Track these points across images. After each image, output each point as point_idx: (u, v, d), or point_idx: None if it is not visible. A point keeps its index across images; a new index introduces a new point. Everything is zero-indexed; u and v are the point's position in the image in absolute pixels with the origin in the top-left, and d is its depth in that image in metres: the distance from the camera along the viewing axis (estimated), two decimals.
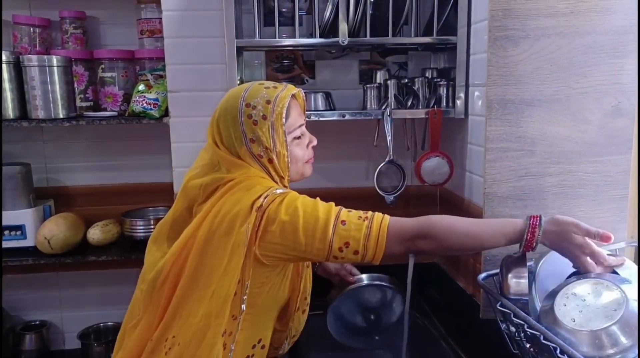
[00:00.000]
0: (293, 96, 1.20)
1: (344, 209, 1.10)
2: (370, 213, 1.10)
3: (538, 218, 1.06)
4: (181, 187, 1.22)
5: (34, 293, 2.00)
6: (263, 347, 1.21)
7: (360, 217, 1.09)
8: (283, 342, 1.31)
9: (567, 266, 1.14)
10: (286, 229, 1.06)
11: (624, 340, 0.91)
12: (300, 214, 1.06)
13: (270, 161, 1.15)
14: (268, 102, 1.14)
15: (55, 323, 2.05)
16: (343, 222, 1.07)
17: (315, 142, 1.25)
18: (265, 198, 1.08)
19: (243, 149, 1.15)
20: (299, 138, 1.20)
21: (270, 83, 1.20)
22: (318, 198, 1.13)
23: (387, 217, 1.10)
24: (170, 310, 1.11)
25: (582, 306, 0.98)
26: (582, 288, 1.01)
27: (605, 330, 0.92)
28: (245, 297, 1.09)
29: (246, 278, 1.08)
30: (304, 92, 1.63)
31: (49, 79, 1.69)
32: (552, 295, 1.04)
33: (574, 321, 0.95)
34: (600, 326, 0.92)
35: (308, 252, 1.08)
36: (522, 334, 1.08)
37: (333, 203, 1.12)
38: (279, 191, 1.11)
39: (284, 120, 1.14)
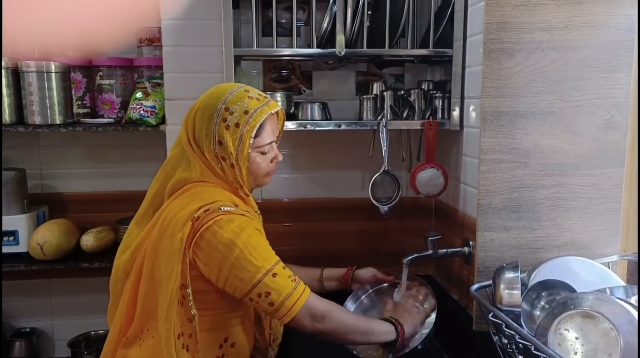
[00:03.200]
0: (274, 111, 1.23)
1: (281, 264, 1.16)
2: (298, 278, 1.18)
3: (402, 330, 1.28)
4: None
5: (25, 299, 1.98)
6: (233, 345, 1.22)
7: (290, 277, 1.16)
8: (267, 346, 1.33)
9: (561, 277, 1.15)
10: (216, 257, 1.11)
11: None
12: (236, 251, 1.10)
13: (232, 166, 1.18)
14: (246, 112, 1.18)
15: (45, 331, 2.03)
16: (274, 274, 1.13)
17: (280, 158, 1.30)
18: (206, 211, 1.11)
19: (210, 149, 1.17)
20: (264, 153, 1.24)
21: (256, 93, 1.23)
22: (266, 241, 1.17)
23: (309, 290, 1.18)
24: (139, 306, 1.17)
25: (576, 347, 0.97)
26: (573, 323, 0.99)
27: None
28: (191, 303, 1.12)
29: (187, 283, 1.11)
30: (302, 103, 1.68)
31: (46, 85, 1.70)
32: (544, 332, 1.02)
33: None
34: None
35: (227, 284, 1.13)
36: (514, 346, 1.08)
37: (274, 255, 1.17)
38: (225, 208, 1.13)
39: (253, 134, 1.18)
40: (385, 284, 1.58)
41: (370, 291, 1.59)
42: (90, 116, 1.86)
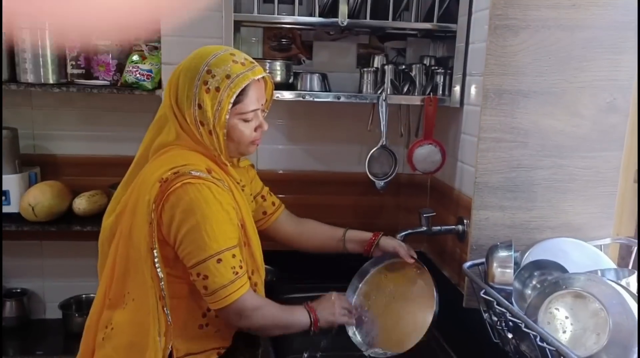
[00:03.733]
0: (261, 78, 1.20)
1: (231, 251, 1.13)
2: (243, 270, 1.15)
3: (315, 315, 1.26)
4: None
5: (16, 260, 1.97)
6: (217, 316, 1.22)
7: (234, 268, 1.13)
8: None
9: (553, 258, 1.15)
10: (173, 222, 1.10)
11: None
12: (192, 222, 1.09)
13: (210, 133, 1.15)
14: (228, 77, 1.14)
15: (36, 292, 2.03)
16: (219, 260, 1.11)
17: (265, 128, 1.25)
18: (175, 173, 1.10)
19: (190, 112, 1.15)
20: (247, 120, 1.20)
21: (242, 57, 1.19)
22: (231, 220, 1.14)
23: (247, 287, 1.15)
24: (119, 267, 1.17)
25: (565, 325, 0.97)
26: (563, 302, 0.99)
27: (591, 357, 0.91)
28: (157, 264, 1.11)
29: (154, 245, 1.11)
30: (301, 73, 1.65)
31: (39, 43, 1.65)
32: (534, 311, 1.02)
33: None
34: (586, 353, 0.91)
35: (179, 250, 1.12)
36: (504, 323, 1.09)
37: (234, 238, 1.14)
38: (195, 172, 1.11)
39: (232, 100, 1.14)
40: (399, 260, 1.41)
41: (385, 263, 1.44)
42: (84, 77, 1.82)
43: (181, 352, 1.18)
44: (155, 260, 1.12)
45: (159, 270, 1.12)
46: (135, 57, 1.75)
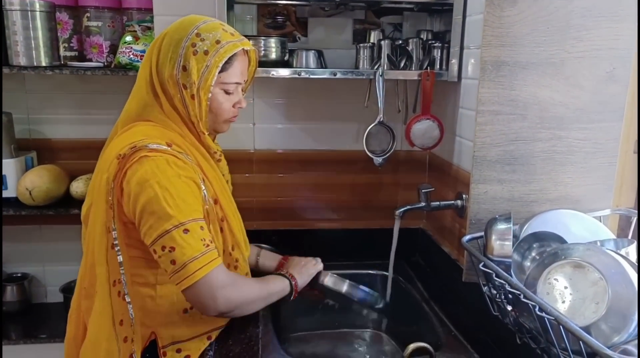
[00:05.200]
0: (246, 52, 1.19)
1: (198, 223, 1.05)
2: (213, 245, 1.07)
3: (295, 279, 1.27)
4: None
5: (16, 245, 1.97)
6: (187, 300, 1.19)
7: (204, 240, 1.05)
8: None
9: (552, 230, 1.15)
10: (131, 197, 1.05)
11: (609, 330, 0.90)
12: (149, 193, 1.03)
13: (192, 97, 1.12)
14: (217, 42, 1.12)
15: (37, 277, 2.03)
16: (186, 230, 1.03)
17: (244, 105, 1.23)
18: (132, 148, 1.06)
19: (172, 74, 1.11)
20: (229, 93, 1.18)
21: (230, 29, 1.17)
22: (196, 190, 1.09)
23: (219, 261, 1.08)
24: (88, 254, 1.14)
25: (564, 295, 0.97)
26: (562, 272, 0.99)
27: (590, 325, 0.91)
28: (117, 248, 1.07)
29: (112, 226, 1.07)
30: (296, 50, 1.63)
31: (31, 25, 1.63)
32: (533, 282, 1.02)
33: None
34: (584, 323, 0.91)
35: (139, 226, 1.06)
36: (503, 295, 1.09)
37: (199, 210, 1.08)
38: (152, 145, 1.07)
39: (220, 64, 1.12)
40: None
41: None
42: (78, 59, 1.80)
43: (166, 340, 1.15)
44: (115, 241, 1.07)
45: (119, 253, 1.07)
46: (128, 38, 1.73)
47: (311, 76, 1.58)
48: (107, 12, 1.77)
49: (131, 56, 1.70)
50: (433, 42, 1.62)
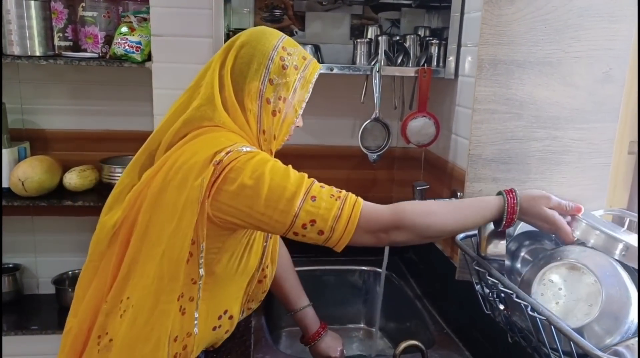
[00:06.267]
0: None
1: (316, 184, 0.99)
2: (344, 192, 0.99)
3: (514, 195, 1.03)
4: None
5: (8, 236, 1.96)
6: (231, 317, 1.15)
7: (333, 195, 0.98)
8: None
9: None
10: (246, 194, 0.95)
11: (601, 332, 0.90)
12: (267, 180, 0.94)
13: (274, 113, 1.05)
14: (304, 58, 1.09)
15: (29, 268, 2.02)
16: (313, 198, 0.96)
17: (301, 124, 1.16)
18: (227, 153, 0.96)
19: (253, 85, 1.04)
20: (297, 112, 1.12)
21: None
22: (290, 166, 1.01)
23: (360, 201, 1.00)
24: (123, 269, 1.01)
25: (559, 296, 0.97)
26: (558, 273, 0.98)
27: (582, 327, 0.91)
28: (202, 261, 0.99)
29: (201, 239, 0.98)
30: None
31: (25, 14, 1.61)
32: (528, 282, 1.02)
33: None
34: (577, 324, 0.91)
35: (264, 223, 0.96)
36: (496, 294, 1.09)
37: (306, 175, 1.00)
38: (246, 148, 0.98)
39: (312, 82, 1.09)
40: None
41: None
42: (72, 49, 1.78)
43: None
44: (202, 254, 0.98)
45: (201, 266, 0.99)
46: (123, 29, 1.71)
47: None
48: (102, 3, 1.76)
49: (126, 47, 1.69)
50: (430, 39, 1.61)
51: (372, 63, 1.59)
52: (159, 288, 0.97)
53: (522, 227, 1.21)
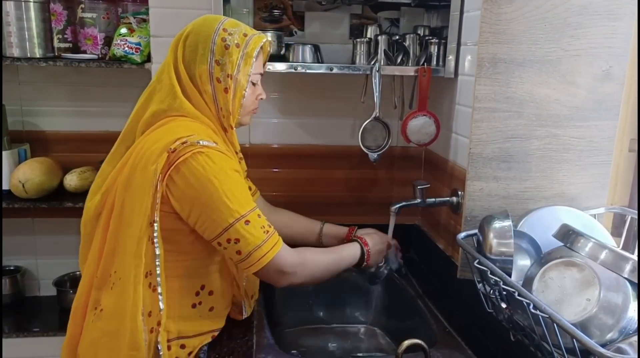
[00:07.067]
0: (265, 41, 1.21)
1: (256, 211, 1.11)
2: (272, 229, 1.13)
3: (366, 243, 1.36)
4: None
5: (8, 238, 1.95)
6: (211, 292, 1.20)
7: (264, 227, 1.11)
8: (241, 302, 1.30)
9: (547, 228, 1.15)
10: (187, 194, 1.07)
11: (600, 327, 0.91)
12: (211, 188, 1.06)
13: (226, 90, 1.14)
14: (245, 35, 1.16)
15: (30, 270, 2.02)
16: (247, 222, 1.08)
17: (264, 96, 1.26)
18: (183, 143, 1.06)
19: (203, 69, 1.13)
20: (254, 84, 1.21)
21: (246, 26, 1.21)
22: (244, 187, 1.13)
23: (281, 243, 1.14)
24: (107, 246, 1.12)
25: (558, 293, 0.97)
26: (557, 270, 0.99)
27: (581, 323, 0.91)
28: (156, 240, 1.08)
29: (155, 219, 1.07)
30: (293, 44, 1.62)
31: (24, 16, 1.61)
32: (529, 280, 1.02)
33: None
34: (575, 319, 0.92)
35: (197, 224, 1.09)
36: (497, 292, 1.09)
37: (252, 200, 1.13)
38: (203, 142, 1.07)
39: (254, 56, 1.15)
40: None
41: None
42: (72, 51, 1.78)
43: (173, 334, 1.15)
44: (155, 234, 1.08)
45: (157, 245, 1.08)
46: (123, 30, 1.71)
47: (307, 71, 1.57)
48: (101, 4, 1.76)
49: (126, 48, 1.69)
50: (430, 38, 1.61)
51: (372, 63, 1.59)
52: (132, 264, 1.07)
53: (524, 225, 1.21)
